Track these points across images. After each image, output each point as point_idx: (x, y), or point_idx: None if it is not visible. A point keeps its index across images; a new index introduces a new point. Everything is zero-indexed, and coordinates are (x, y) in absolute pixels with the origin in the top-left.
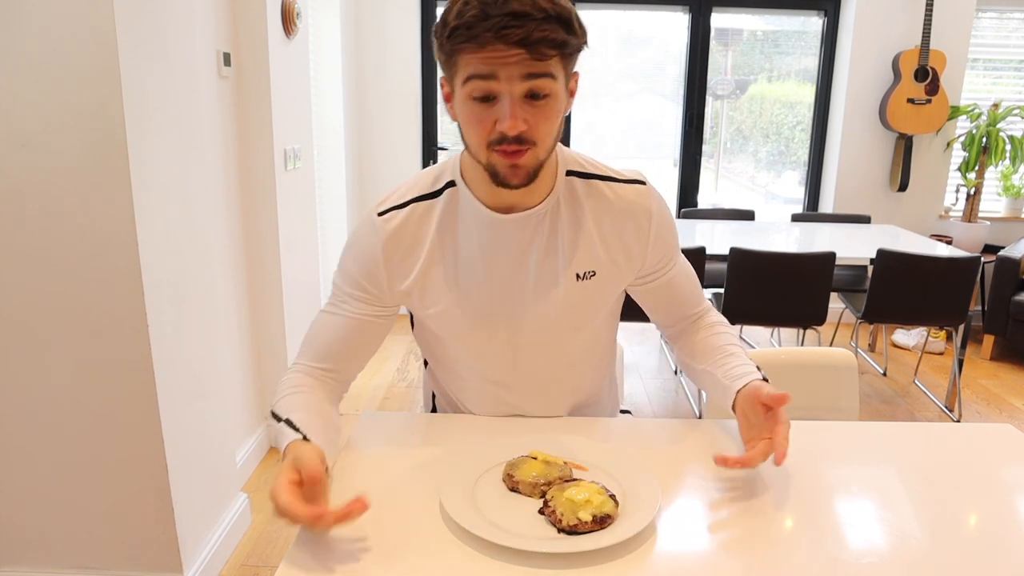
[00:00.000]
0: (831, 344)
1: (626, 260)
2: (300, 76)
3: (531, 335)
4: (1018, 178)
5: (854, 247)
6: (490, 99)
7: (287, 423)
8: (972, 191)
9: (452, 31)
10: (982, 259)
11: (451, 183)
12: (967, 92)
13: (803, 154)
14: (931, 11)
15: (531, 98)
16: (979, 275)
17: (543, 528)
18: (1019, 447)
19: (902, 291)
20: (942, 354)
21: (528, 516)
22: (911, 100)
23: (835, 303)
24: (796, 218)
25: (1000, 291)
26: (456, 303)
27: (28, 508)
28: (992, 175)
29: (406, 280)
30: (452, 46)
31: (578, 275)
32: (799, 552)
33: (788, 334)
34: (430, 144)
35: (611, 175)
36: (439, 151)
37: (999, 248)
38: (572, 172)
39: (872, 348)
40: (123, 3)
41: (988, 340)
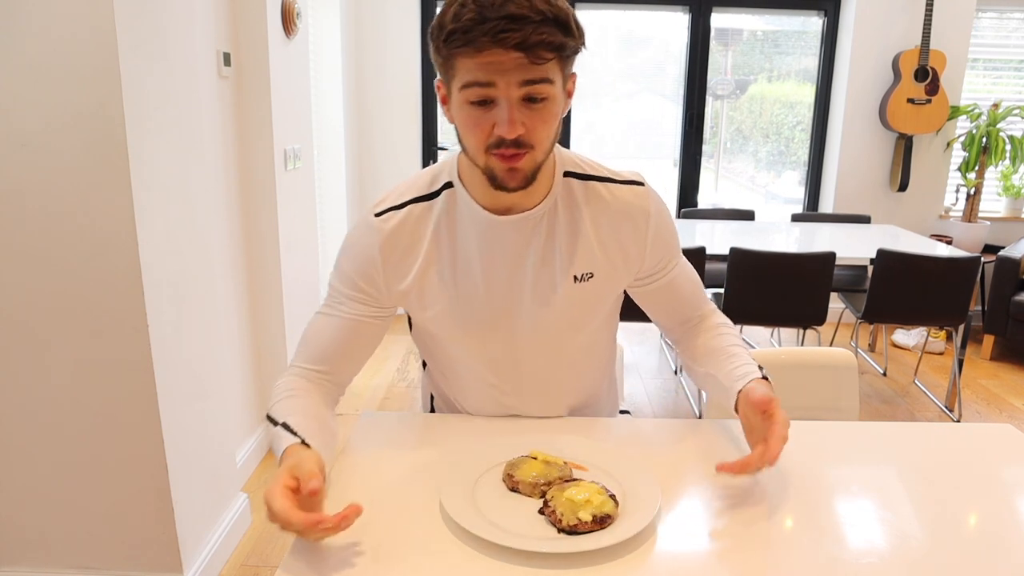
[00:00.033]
0: (831, 344)
1: (624, 261)
2: (300, 76)
3: (529, 337)
4: (1018, 178)
5: (854, 247)
6: (487, 103)
7: (284, 427)
8: (972, 191)
9: (449, 35)
10: (982, 259)
11: (448, 184)
12: (967, 92)
13: (803, 154)
14: (931, 11)
15: (529, 101)
16: (979, 275)
17: (543, 528)
18: (1019, 447)
19: (902, 291)
20: (942, 354)
21: (528, 516)
22: (911, 100)
23: (835, 303)
24: (796, 218)
25: (1000, 291)
26: (454, 305)
27: (28, 508)
28: (992, 175)
29: (404, 281)
30: (449, 50)
31: (576, 277)
32: (799, 552)
33: (788, 334)
34: (430, 144)
35: (609, 176)
36: (439, 151)
37: (999, 248)
38: (569, 173)
39: (872, 348)
40: (123, 3)
41: (988, 340)
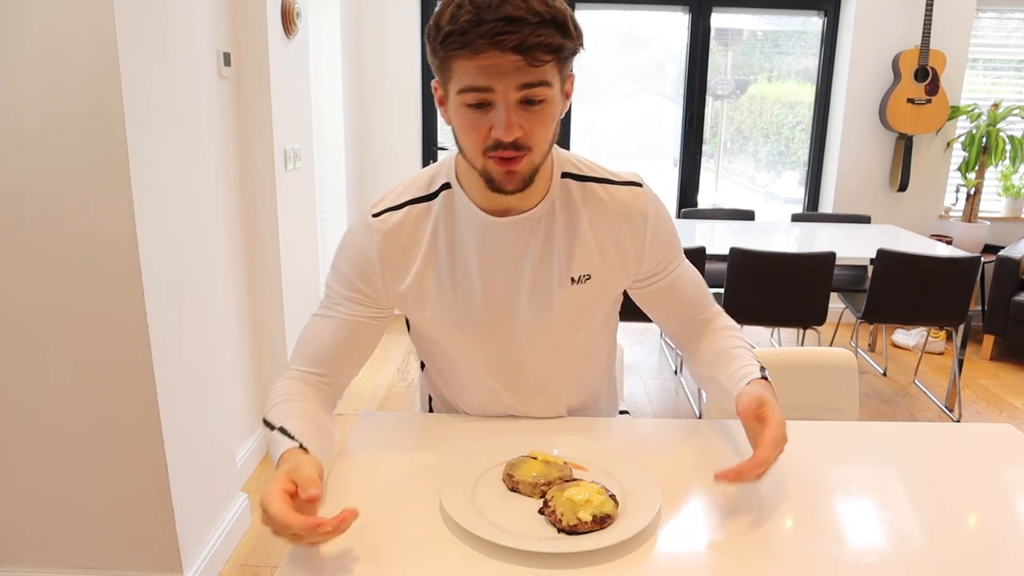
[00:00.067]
0: (831, 344)
1: (621, 263)
2: (300, 76)
3: (527, 338)
4: (1018, 178)
5: (854, 247)
6: (485, 105)
7: (281, 431)
8: (972, 191)
9: (445, 37)
10: (982, 259)
11: (446, 185)
12: (967, 92)
13: (803, 154)
14: (931, 11)
15: (526, 103)
16: (979, 275)
17: (543, 528)
18: (1019, 447)
19: (902, 291)
20: (942, 354)
21: (528, 516)
22: (911, 100)
23: (835, 303)
24: (796, 218)
25: (1000, 291)
26: (452, 306)
27: (28, 508)
28: (992, 175)
29: (402, 283)
30: (445, 52)
31: (573, 279)
32: (799, 552)
33: (788, 334)
34: (430, 144)
35: (607, 177)
36: (439, 151)
37: (999, 248)
38: (567, 174)
39: (872, 348)
40: (123, 3)
41: (988, 340)
